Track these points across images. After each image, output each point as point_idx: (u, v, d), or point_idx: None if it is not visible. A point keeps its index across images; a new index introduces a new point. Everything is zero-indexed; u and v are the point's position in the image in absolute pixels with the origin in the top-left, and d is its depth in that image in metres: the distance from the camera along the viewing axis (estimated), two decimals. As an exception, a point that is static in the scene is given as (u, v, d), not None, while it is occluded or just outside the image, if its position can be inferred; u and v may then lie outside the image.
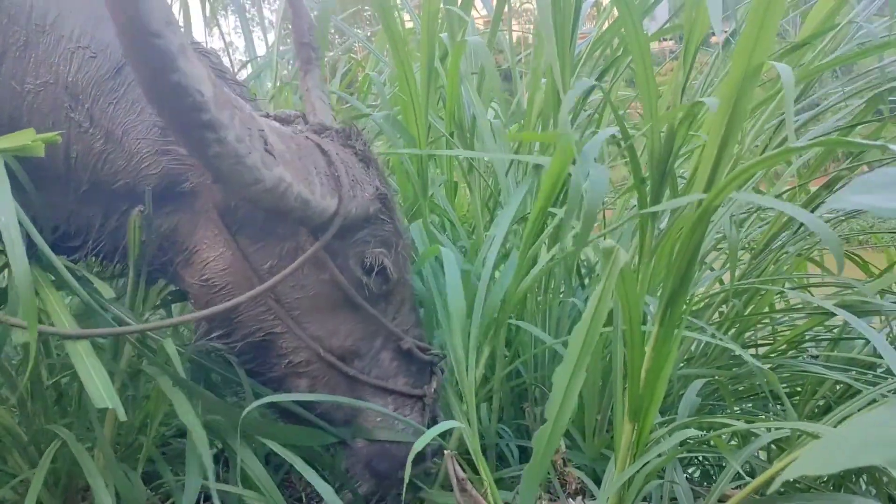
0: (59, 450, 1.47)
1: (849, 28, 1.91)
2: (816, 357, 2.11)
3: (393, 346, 1.56)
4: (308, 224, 1.37)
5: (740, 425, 1.36)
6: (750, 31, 1.00)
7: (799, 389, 2.09)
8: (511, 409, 2.21)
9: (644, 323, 1.44)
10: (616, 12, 1.47)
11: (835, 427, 1.11)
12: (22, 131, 1.15)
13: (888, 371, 1.78)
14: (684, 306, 1.49)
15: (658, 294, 1.42)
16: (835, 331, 2.16)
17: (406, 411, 1.56)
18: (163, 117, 1.16)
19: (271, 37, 3.11)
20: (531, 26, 2.76)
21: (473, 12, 2.65)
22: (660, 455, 1.26)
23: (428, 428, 1.47)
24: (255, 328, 1.44)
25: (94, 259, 1.53)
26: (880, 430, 0.55)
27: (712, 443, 1.54)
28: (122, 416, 1.20)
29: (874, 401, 1.45)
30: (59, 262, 1.30)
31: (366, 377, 1.51)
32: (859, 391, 1.64)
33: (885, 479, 1.75)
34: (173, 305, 1.91)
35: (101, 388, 1.18)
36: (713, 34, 1.40)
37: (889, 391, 1.47)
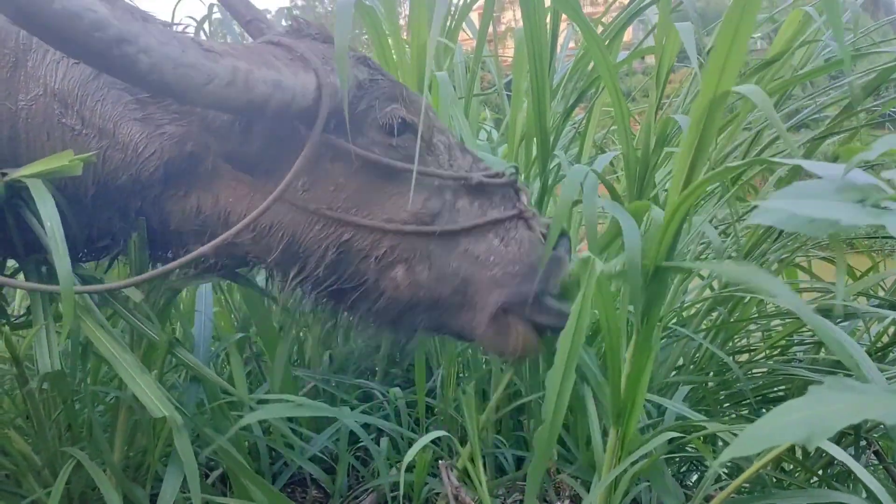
0: (72, 473, 1.55)
1: (816, 45, 2.00)
2: (801, 361, 2.16)
3: (464, 189, 1.45)
4: (298, 109, 1.29)
5: (715, 426, 1.42)
6: (716, 62, 1.08)
7: (787, 393, 2.15)
8: (509, 420, 2.27)
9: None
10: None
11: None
12: (59, 154, 1.25)
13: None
14: (661, 314, 1.55)
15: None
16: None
17: (513, 233, 1.44)
18: (77, 55, 1.12)
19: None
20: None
21: (463, 34, 2.77)
22: (638, 460, 1.32)
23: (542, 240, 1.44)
24: (325, 248, 1.38)
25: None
26: (799, 413, 0.63)
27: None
28: (179, 422, 1.30)
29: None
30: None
31: (458, 225, 1.40)
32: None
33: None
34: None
35: (154, 400, 1.31)
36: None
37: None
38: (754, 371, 2.32)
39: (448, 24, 2.56)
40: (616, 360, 1.31)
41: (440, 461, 1.55)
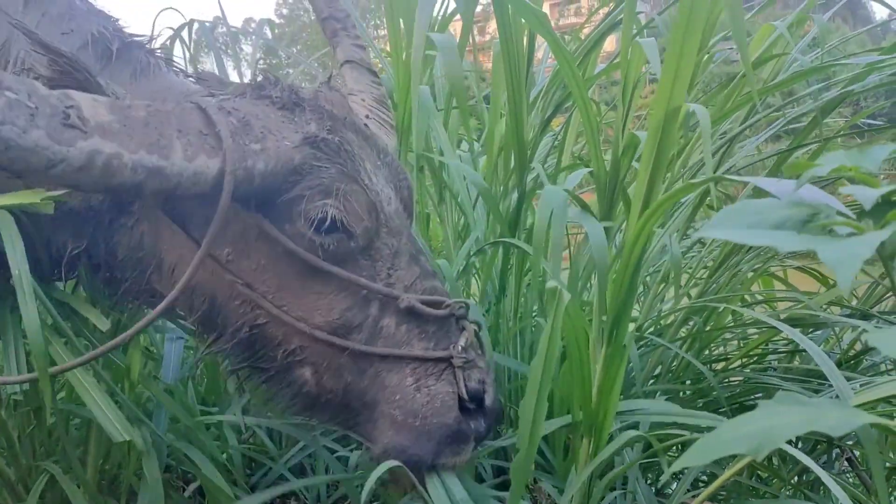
0: (46, 487, 1.54)
1: (786, 59, 2.04)
2: (776, 369, 2.20)
3: (394, 308, 1.31)
4: (189, 193, 1.18)
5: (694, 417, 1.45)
6: (666, 80, 1.11)
7: (763, 400, 2.18)
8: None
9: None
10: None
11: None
12: (30, 191, 1.19)
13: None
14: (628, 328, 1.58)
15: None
16: (791, 344, 2.26)
17: (431, 381, 1.29)
18: None
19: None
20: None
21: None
22: (611, 468, 1.33)
23: (471, 397, 1.28)
24: (240, 323, 1.31)
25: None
26: (750, 426, 0.65)
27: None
28: (141, 446, 1.28)
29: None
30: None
31: (371, 348, 1.29)
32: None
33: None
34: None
35: (115, 423, 1.28)
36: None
37: (833, 397, 1.57)
38: (731, 379, 2.35)
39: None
40: (586, 371, 1.32)
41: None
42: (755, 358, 2.37)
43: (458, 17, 2.75)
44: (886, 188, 0.56)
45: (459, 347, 1.31)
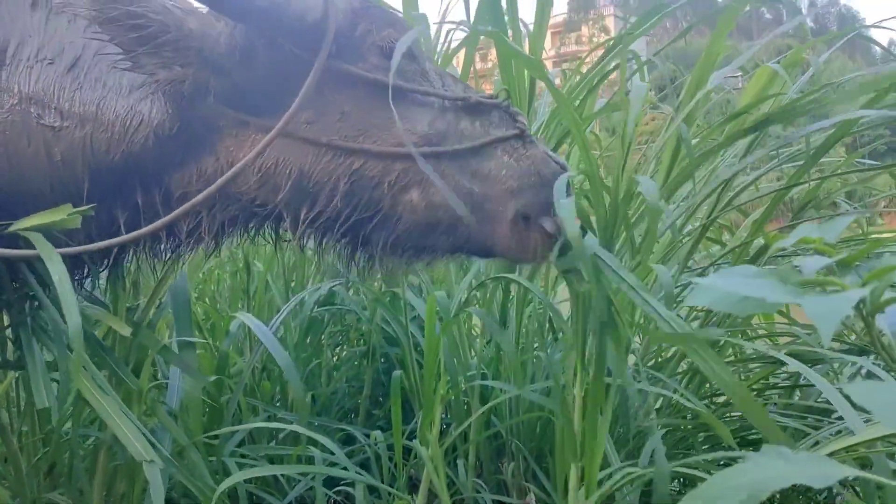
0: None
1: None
2: (776, 405, 2.20)
3: (464, 109, 1.46)
4: (307, 23, 1.32)
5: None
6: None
7: (760, 437, 2.18)
8: (490, 464, 2.29)
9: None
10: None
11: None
12: (57, 209, 1.28)
13: (841, 417, 1.88)
14: (631, 358, 1.60)
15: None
16: (792, 378, 2.27)
17: (522, 150, 1.46)
18: None
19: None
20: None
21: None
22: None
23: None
24: (336, 179, 1.37)
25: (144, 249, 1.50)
26: (739, 478, 0.67)
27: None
28: (160, 465, 1.34)
29: (817, 443, 1.56)
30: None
31: (464, 144, 1.42)
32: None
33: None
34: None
35: (137, 443, 1.34)
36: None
37: (833, 433, 1.58)
38: (732, 413, 2.35)
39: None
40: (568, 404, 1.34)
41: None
42: (756, 392, 2.37)
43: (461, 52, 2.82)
44: (838, 257, 0.60)
45: (524, 123, 1.50)
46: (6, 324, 1.68)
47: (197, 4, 1.38)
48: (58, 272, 1.23)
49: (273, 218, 1.45)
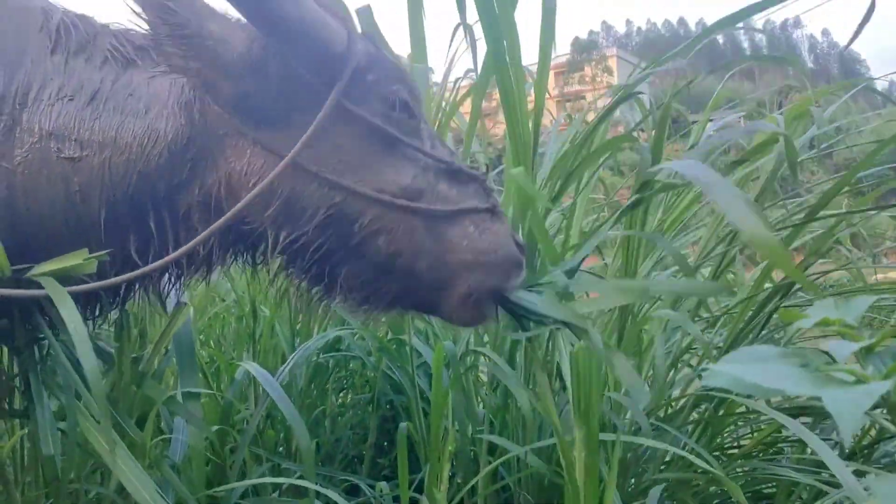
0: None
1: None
2: (789, 458, 2.16)
3: (444, 174, 1.54)
4: (331, 54, 1.41)
5: None
6: None
7: (776, 489, 2.13)
8: (498, 514, 2.24)
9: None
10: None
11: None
12: (74, 253, 1.30)
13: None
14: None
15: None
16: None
17: (488, 225, 1.54)
18: None
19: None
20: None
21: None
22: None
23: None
24: (317, 207, 1.43)
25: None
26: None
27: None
28: None
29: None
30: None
31: (439, 206, 1.49)
32: (826, 493, 1.70)
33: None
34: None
35: (150, 500, 1.33)
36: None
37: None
38: (745, 466, 2.31)
39: (438, 117, 2.68)
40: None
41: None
42: (766, 446, 2.33)
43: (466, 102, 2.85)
44: (866, 342, 0.59)
45: (496, 200, 1.59)
46: (15, 371, 1.68)
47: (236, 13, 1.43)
48: (73, 321, 1.26)
49: (255, 238, 1.49)
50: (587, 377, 1.38)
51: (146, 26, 1.37)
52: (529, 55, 2.27)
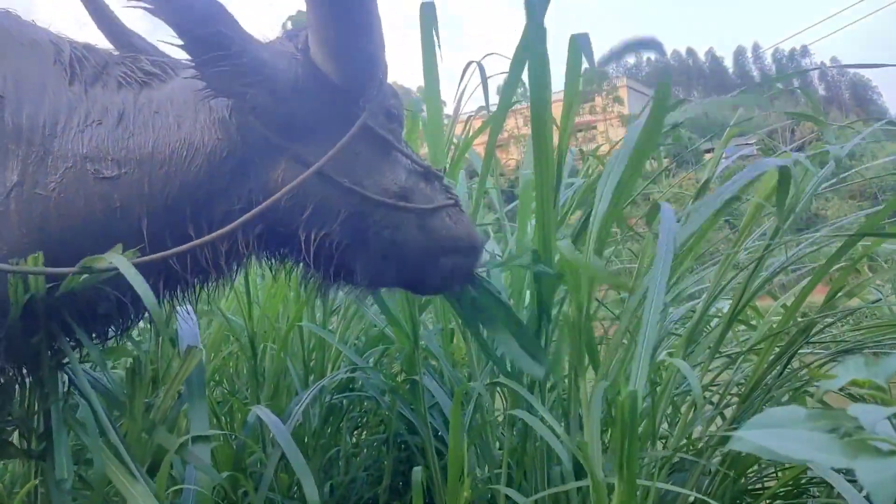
0: None
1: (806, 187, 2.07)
2: (816, 497, 2.09)
3: (422, 176, 1.78)
4: (371, 80, 1.63)
5: None
6: None
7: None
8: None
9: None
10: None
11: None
12: (110, 251, 1.36)
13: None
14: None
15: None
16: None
17: (457, 217, 1.83)
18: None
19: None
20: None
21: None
22: None
23: None
24: (339, 210, 1.61)
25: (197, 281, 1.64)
26: None
27: None
28: None
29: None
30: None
31: (426, 206, 1.74)
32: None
33: None
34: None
35: None
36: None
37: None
38: (771, 506, 2.24)
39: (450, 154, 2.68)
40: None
41: None
42: (792, 486, 2.26)
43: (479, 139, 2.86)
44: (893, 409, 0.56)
45: (456, 196, 1.87)
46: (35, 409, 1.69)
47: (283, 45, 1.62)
48: (140, 285, 1.33)
49: (286, 237, 1.64)
50: (629, 425, 1.33)
51: (186, 55, 1.45)
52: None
